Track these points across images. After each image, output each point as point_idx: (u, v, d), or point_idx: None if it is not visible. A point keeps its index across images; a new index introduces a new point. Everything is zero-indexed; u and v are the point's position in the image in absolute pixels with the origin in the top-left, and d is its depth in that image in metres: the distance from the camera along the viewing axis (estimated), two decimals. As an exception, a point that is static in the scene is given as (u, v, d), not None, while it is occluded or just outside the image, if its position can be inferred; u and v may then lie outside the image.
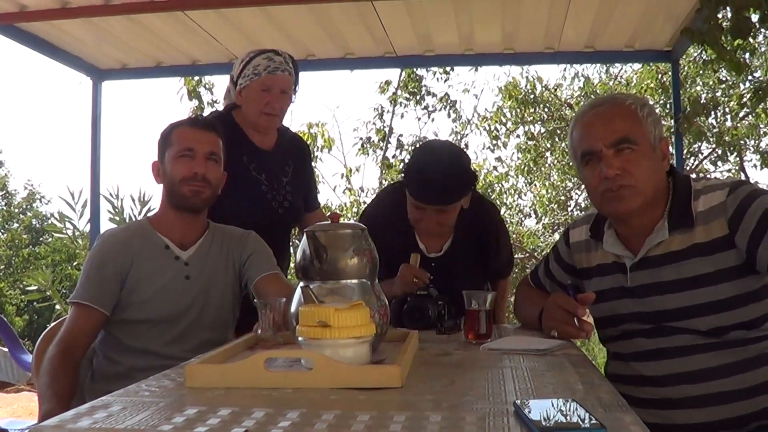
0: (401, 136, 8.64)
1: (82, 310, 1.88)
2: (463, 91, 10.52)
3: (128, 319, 1.94)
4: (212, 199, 2.02)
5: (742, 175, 8.69)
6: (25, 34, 3.82)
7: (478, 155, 9.31)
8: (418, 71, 8.38)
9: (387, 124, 8.56)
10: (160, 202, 2.04)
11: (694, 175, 7.41)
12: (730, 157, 8.09)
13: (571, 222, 2.20)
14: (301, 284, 1.45)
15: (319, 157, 7.79)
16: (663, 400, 1.59)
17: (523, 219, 9.55)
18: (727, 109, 7.76)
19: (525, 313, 1.98)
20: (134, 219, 5.93)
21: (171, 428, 0.94)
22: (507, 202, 9.31)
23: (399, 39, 4.06)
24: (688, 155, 8.17)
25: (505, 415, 1.00)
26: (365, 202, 8.03)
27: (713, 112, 7.49)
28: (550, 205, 9.09)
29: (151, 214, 2.50)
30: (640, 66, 8.32)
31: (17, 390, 6.65)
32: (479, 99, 17.15)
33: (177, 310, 1.96)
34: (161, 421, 0.98)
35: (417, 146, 5.12)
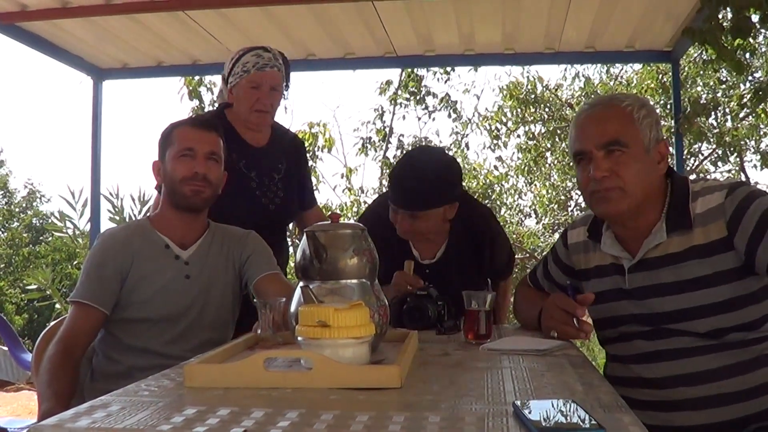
0: (402, 136, 8.65)
1: (82, 309, 1.88)
2: (464, 91, 10.54)
3: (128, 318, 1.94)
4: (213, 198, 2.02)
5: (743, 176, 8.69)
6: (26, 34, 3.82)
7: (478, 155, 9.33)
8: (418, 71, 8.37)
9: (387, 124, 8.57)
10: (161, 202, 2.04)
11: (693, 176, 7.43)
12: (730, 158, 8.08)
13: (570, 222, 2.20)
14: (301, 284, 1.45)
15: (319, 156, 7.80)
16: (662, 402, 1.59)
17: (523, 219, 9.55)
18: (727, 110, 7.76)
19: (524, 314, 1.98)
20: (134, 218, 5.94)
21: (170, 428, 0.94)
22: (507, 202, 9.31)
23: (399, 39, 4.07)
24: (688, 156, 8.17)
25: (504, 415, 1.00)
26: (365, 202, 8.04)
27: (713, 113, 7.49)
28: (550, 206, 9.09)
29: (150, 213, 2.50)
30: (640, 66, 8.32)
31: (17, 389, 6.65)
32: (480, 99, 17.13)
33: (177, 310, 1.96)
34: (160, 420, 0.98)
35: (410, 149, 5.15)
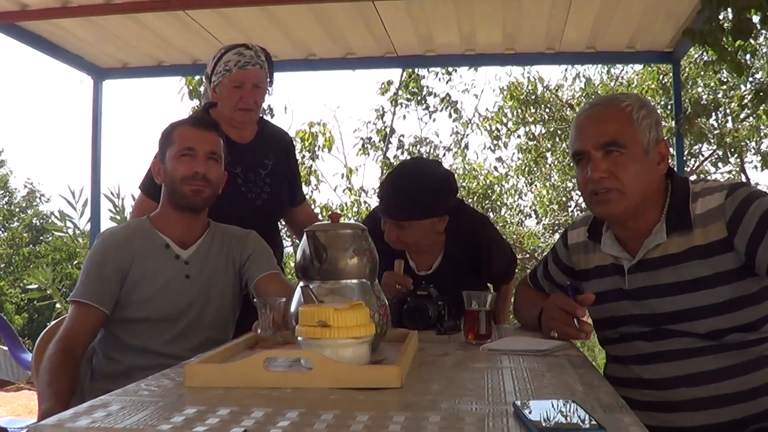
0: (402, 136, 8.66)
1: (82, 308, 1.88)
2: (463, 91, 10.54)
3: (128, 317, 1.94)
4: (213, 198, 2.02)
5: (743, 177, 8.68)
6: (26, 33, 3.82)
7: (478, 155, 9.32)
8: (419, 71, 8.38)
9: (388, 125, 8.57)
10: (161, 202, 2.04)
11: (693, 176, 7.42)
12: (730, 159, 8.08)
13: (571, 223, 2.20)
14: (301, 284, 1.45)
15: (319, 156, 7.80)
16: (662, 402, 1.59)
17: (523, 219, 9.55)
18: (728, 111, 7.75)
19: (524, 314, 1.98)
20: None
21: (170, 428, 0.94)
22: (507, 202, 9.31)
23: (400, 39, 4.07)
24: (688, 156, 8.16)
25: (504, 415, 1.00)
26: (366, 202, 8.04)
27: (714, 114, 7.48)
28: (550, 206, 9.09)
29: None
30: (641, 67, 8.32)
31: (17, 388, 6.66)
32: (480, 99, 17.10)
33: (177, 309, 1.96)
34: (160, 420, 0.98)
35: (405, 160, 5.16)
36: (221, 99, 2.42)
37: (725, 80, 7.63)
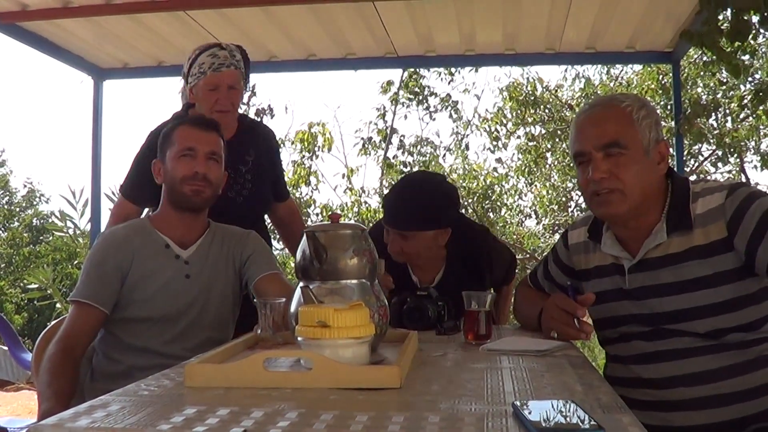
0: (403, 136, 8.66)
1: (82, 308, 1.88)
2: (463, 91, 10.54)
3: (128, 317, 1.94)
4: (213, 198, 2.02)
5: (743, 177, 8.68)
6: (26, 33, 3.82)
7: (479, 155, 9.32)
8: (420, 71, 8.38)
9: (389, 125, 8.57)
10: (161, 202, 2.04)
11: (693, 176, 7.42)
12: (730, 159, 8.08)
13: (571, 223, 2.20)
14: (301, 284, 1.45)
15: (319, 156, 7.80)
16: (662, 402, 1.60)
17: (523, 220, 9.55)
18: (727, 111, 7.75)
19: (524, 314, 1.98)
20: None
21: (170, 428, 0.94)
22: (507, 202, 9.31)
23: (400, 39, 4.07)
24: (688, 156, 8.16)
25: (503, 416, 1.00)
26: (366, 203, 8.04)
27: (714, 114, 7.48)
28: (550, 206, 9.08)
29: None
30: (640, 67, 8.32)
31: (17, 388, 6.66)
32: (480, 100, 17.05)
33: (177, 309, 1.96)
34: (160, 420, 0.98)
35: (408, 173, 5.18)
36: (198, 100, 2.42)
37: (725, 80, 7.63)
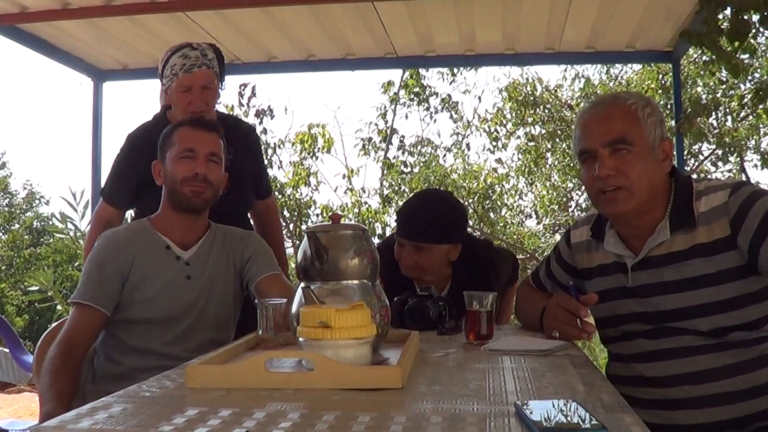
0: (403, 137, 8.66)
1: (83, 310, 1.88)
2: (464, 92, 10.55)
3: (129, 318, 1.94)
4: (213, 199, 2.02)
5: (743, 176, 8.68)
6: (26, 35, 3.82)
7: (479, 156, 9.31)
8: (422, 71, 8.38)
9: (389, 125, 8.57)
10: (161, 203, 2.04)
11: (695, 175, 7.42)
12: (730, 158, 8.07)
13: (572, 223, 2.20)
14: (302, 285, 1.45)
15: (319, 158, 7.80)
16: (664, 400, 1.59)
17: (523, 220, 9.54)
18: (727, 110, 7.75)
19: (526, 314, 1.98)
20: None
21: (171, 429, 0.94)
22: (508, 203, 9.31)
23: (400, 39, 4.06)
24: (688, 156, 8.16)
25: (505, 415, 1.00)
26: (366, 203, 8.04)
27: (714, 113, 7.47)
28: (550, 206, 9.08)
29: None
30: (640, 67, 8.31)
31: (18, 390, 6.66)
32: (481, 100, 17.04)
33: (178, 310, 1.96)
34: (161, 421, 0.98)
35: (419, 190, 5.30)
36: (173, 102, 2.42)
37: (725, 80, 7.63)
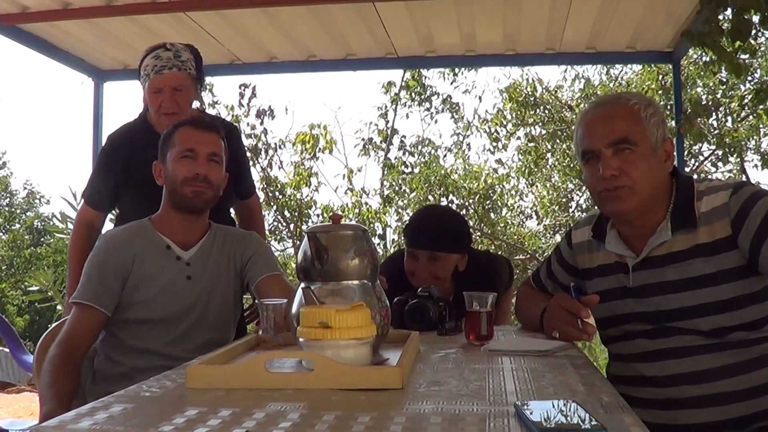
0: (404, 137, 8.66)
1: (83, 310, 1.88)
2: (464, 92, 10.54)
3: (130, 319, 1.94)
4: (214, 200, 2.02)
5: (743, 176, 8.68)
6: (26, 35, 3.82)
7: (479, 156, 9.31)
8: (423, 72, 8.37)
9: (390, 125, 8.56)
10: (162, 203, 2.04)
11: (695, 176, 7.41)
12: (730, 158, 8.07)
13: (572, 223, 2.21)
14: (302, 285, 1.45)
15: (320, 158, 7.80)
16: (665, 400, 1.59)
17: (524, 220, 9.54)
18: (728, 110, 7.74)
19: (526, 314, 1.98)
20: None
21: (171, 429, 0.94)
22: (508, 203, 9.31)
23: (400, 40, 4.07)
24: (688, 156, 8.15)
25: (505, 416, 1.00)
26: (367, 203, 8.04)
27: (714, 113, 7.47)
28: (551, 207, 9.07)
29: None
30: (640, 67, 8.31)
31: (18, 390, 6.66)
32: (481, 100, 17.03)
33: (179, 310, 1.96)
34: (162, 422, 0.98)
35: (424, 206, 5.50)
36: (148, 103, 2.43)
37: (725, 80, 7.63)
